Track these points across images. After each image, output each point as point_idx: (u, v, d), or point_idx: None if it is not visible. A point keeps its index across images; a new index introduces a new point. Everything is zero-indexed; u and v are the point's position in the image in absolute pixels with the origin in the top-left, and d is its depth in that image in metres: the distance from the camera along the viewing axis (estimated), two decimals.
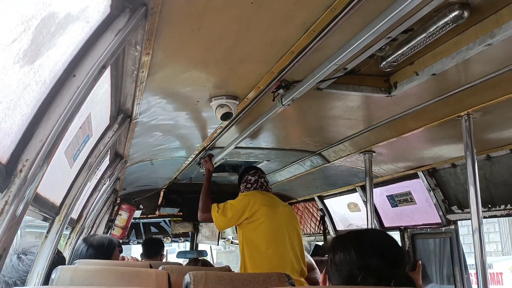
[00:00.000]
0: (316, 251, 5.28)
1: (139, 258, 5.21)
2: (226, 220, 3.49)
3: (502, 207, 3.14)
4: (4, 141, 0.96)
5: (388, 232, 4.65)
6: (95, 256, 3.12)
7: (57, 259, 2.24)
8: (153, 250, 5.13)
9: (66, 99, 1.15)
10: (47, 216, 1.99)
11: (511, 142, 2.88)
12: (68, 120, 1.19)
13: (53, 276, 1.96)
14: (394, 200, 4.23)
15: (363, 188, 4.37)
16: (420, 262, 1.87)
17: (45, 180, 1.25)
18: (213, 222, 3.62)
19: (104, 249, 3.21)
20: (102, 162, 2.62)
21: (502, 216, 3.18)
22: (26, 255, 2.05)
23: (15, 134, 1.00)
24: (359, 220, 4.78)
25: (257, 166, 4.25)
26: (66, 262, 2.73)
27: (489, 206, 3.20)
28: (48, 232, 2.08)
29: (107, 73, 1.59)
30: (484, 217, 2.92)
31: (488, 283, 2.55)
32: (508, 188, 3.06)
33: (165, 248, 5.64)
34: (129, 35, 1.32)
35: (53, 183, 1.84)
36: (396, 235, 4.20)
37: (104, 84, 1.71)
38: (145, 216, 6.35)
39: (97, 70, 1.23)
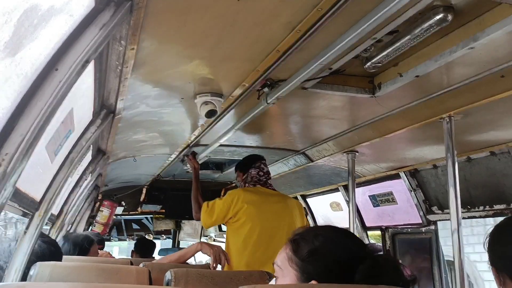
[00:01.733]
0: None
1: (115, 255, 5.24)
2: (211, 220, 3.43)
3: (481, 208, 3.19)
4: None
5: (368, 232, 4.68)
6: (70, 252, 3.08)
7: (55, 252, 2.19)
8: (149, 250, 5.25)
9: (48, 93, 1.13)
10: (26, 211, 1.96)
11: (491, 145, 2.93)
12: (50, 114, 1.17)
13: (31, 272, 1.93)
14: (376, 200, 4.27)
15: (345, 187, 4.40)
16: None
17: (25, 175, 1.23)
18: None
19: (79, 245, 3.18)
20: (84, 157, 2.59)
21: (480, 217, 3.23)
22: None
23: None
24: (341, 219, 4.82)
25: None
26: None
27: (468, 207, 3.25)
28: (27, 228, 2.04)
29: (90, 67, 1.57)
30: (463, 218, 2.97)
31: (466, 283, 2.59)
32: (487, 189, 3.11)
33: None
34: (113, 29, 1.31)
35: (33, 178, 1.81)
36: (377, 235, 4.26)
37: (88, 78, 1.69)
38: (127, 213, 6.31)
39: (80, 64, 1.21)
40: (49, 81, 1.14)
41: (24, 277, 1.93)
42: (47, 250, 2.15)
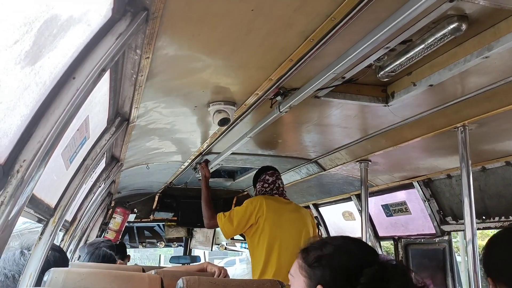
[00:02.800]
0: None
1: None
2: (233, 228, 3.41)
3: (496, 219, 3.15)
4: (3, 141, 0.95)
5: (381, 242, 4.64)
6: None
7: (60, 258, 2.20)
8: (124, 250, 5.03)
9: (65, 101, 1.15)
10: (42, 217, 1.98)
11: (506, 154, 2.89)
12: (67, 122, 1.19)
13: (45, 278, 1.95)
14: (389, 210, 4.23)
15: (358, 197, 4.37)
16: None
17: (41, 181, 1.24)
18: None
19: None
20: (98, 164, 2.62)
21: (496, 228, 3.19)
22: (30, 250, 2.04)
23: (13, 135, 1.00)
24: (354, 229, 4.78)
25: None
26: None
27: (483, 217, 3.21)
28: (42, 234, 2.06)
29: (106, 76, 1.59)
30: (478, 229, 2.93)
31: None
32: (502, 200, 3.07)
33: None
34: (129, 39, 1.33)
35: (49, 185, 1.83)
36: (390, 245, 4.22)
37: (103, 87, 1.71)
38: (139, 220, 6.33)
39: (96, 73, 1.23)
40: (66, 89, 1.16)
41: (38, 283, 1.94)
42: (52, 258, 2.15)
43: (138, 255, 19.62)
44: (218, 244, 7.32)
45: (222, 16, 1.51)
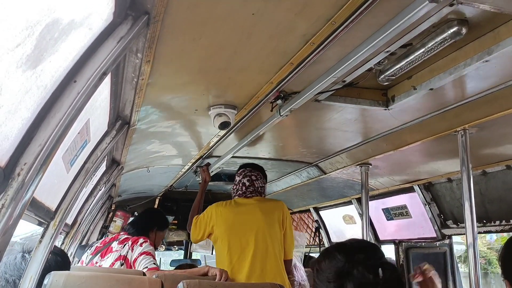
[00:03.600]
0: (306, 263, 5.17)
1: None
2: (194, 235, 3.33)
3: (497, 222, 3.15)
4: (4, 144, 0.96)
5: (382, 245, 4.63)
6: None
7: (61, 263, 2.19)
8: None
9: (66, 104, 1.15)
10: (42, 220, 1.98)
11: (506, 158, 2.89)
12: (67, 125, 1.19)
13: (45, 281, 1.95)
14: (390, 213, 4.23)
15: (359, 200, 4.37)
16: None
17: (41, 184, 1.24)
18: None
19: None
20: (99, 168, 2.62)
21: (497, 231, 3.19)
22: (31, 254, 2.03)
23: (14, 138, 1.00)
24: (354, 232, 4.78)
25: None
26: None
27: (484, 221, 3.21)
28: (42, 237, 2.06)
29: (107, 79, 1.60)
30: (479, 233, 2.93)
31: None
32: (503, 204, 3.07)
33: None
34: (130, 42, 1.33)
35: (49, 188, 1.83)
36: (390, 249, 4.21)
37: (104, 90, 1.72)
38: None
39: (97, 77, 1.24)
40: (67, 92, 1.16)
41: (38, 287, 1.94)
42: (53, 262, 2.12)
43: None
44: None
45: (223, 20, 1.51)
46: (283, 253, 3.20)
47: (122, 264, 3.05)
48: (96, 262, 3.12)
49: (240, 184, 3.34)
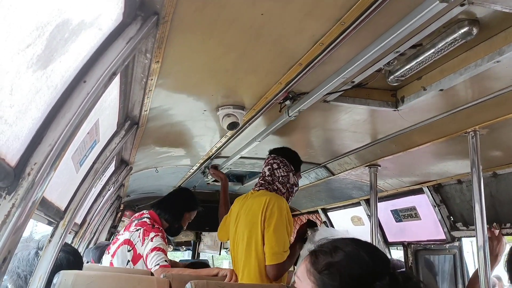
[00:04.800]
0: None
1: None
2: (219, 236, 3.34)
3: (508, 225, 3.11)
4: (14, 144, 0.96)
5: (391, 248, 4.58)
6: None
7: (73, 261, 2.19)
8: None
9: (76, 104, 1.16)
10: (52, 220, 2.00)
11: None
12: (77, 125, 1.19)
13: (54, 280, 1.96)
14: (399, 215, 4.20)
15: (367, 202, 4.35)
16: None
17: (51, 184, 1.25)
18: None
19: None
20: (108, 168, 2.63)
21: (507, 234, 3.15)
22: None
23: (24, 138, 1.01)
24: (363, 234, 4.76)
25: None
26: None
27: (494, 224, 3.17)
28: (51, 236, 2.08)
29: (116, 80, 1.60)
30: None
31: None
32: None
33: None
34: (140, 43, 1.33)
35: (59, 188, 1.84)
36: (399, 251, 4.19)
37: (113, 90, 1.73)
38: None
39: (107, 77, 1.24)
40: (77, 93, 1.17)
41: (48, 285, 1.95)
42: (64, 260, 2.13)
43: None
44: (226, 248, 7.31)
45: (232, 21, 1.51)
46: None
47: (129, 250, 3.01)
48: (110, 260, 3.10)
49: (261, 174, 3.06)
